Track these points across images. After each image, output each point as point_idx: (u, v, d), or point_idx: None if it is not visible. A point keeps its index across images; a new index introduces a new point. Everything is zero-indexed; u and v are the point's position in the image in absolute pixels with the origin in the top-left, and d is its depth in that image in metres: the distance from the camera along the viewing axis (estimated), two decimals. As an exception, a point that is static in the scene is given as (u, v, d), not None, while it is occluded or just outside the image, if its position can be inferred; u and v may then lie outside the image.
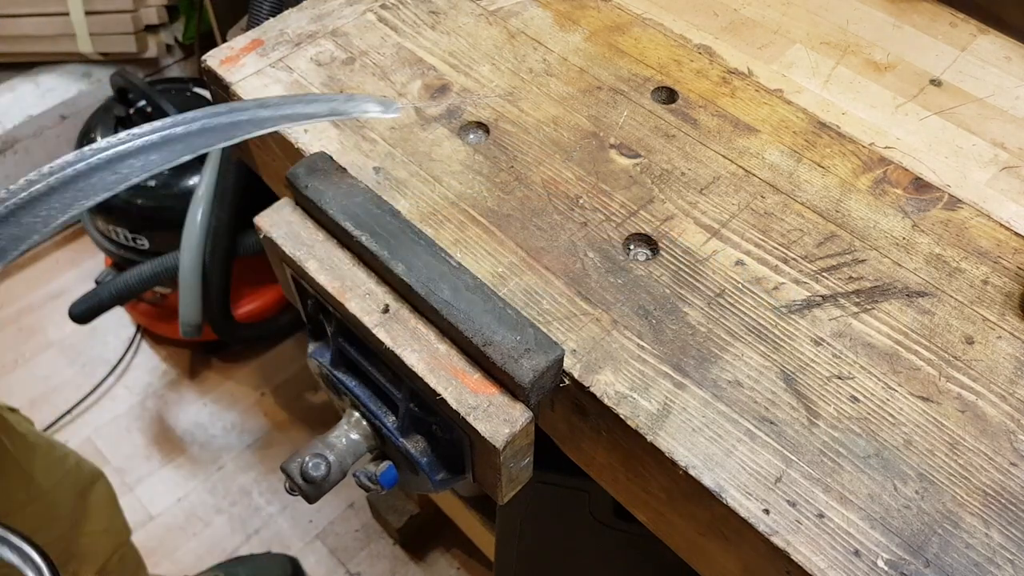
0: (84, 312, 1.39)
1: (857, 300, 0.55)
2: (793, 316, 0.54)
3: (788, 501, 0.46)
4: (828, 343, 0.53)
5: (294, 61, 0.69)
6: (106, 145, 0.48)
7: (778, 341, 0.53)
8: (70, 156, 0.48)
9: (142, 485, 1.54)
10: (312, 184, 0.57)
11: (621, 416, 0.49)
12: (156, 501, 1.52)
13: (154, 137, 0.49)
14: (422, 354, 0.51)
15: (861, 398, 0.50)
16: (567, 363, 0.51)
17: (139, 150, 0.48)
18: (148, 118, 1.43)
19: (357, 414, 0.58)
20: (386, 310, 0.53)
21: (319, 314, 0.60)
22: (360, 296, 0.54)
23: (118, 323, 1.75)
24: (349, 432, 0.57)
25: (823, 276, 0.57)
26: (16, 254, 0.45)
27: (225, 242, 1.32)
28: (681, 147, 0.65)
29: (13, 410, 0.93)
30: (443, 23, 0.74)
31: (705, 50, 0.73)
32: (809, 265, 0.57)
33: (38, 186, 0.46)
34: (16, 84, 1.80)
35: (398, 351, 0.51)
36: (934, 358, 0.53)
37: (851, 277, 0.57)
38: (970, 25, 0.77)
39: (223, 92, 0.68)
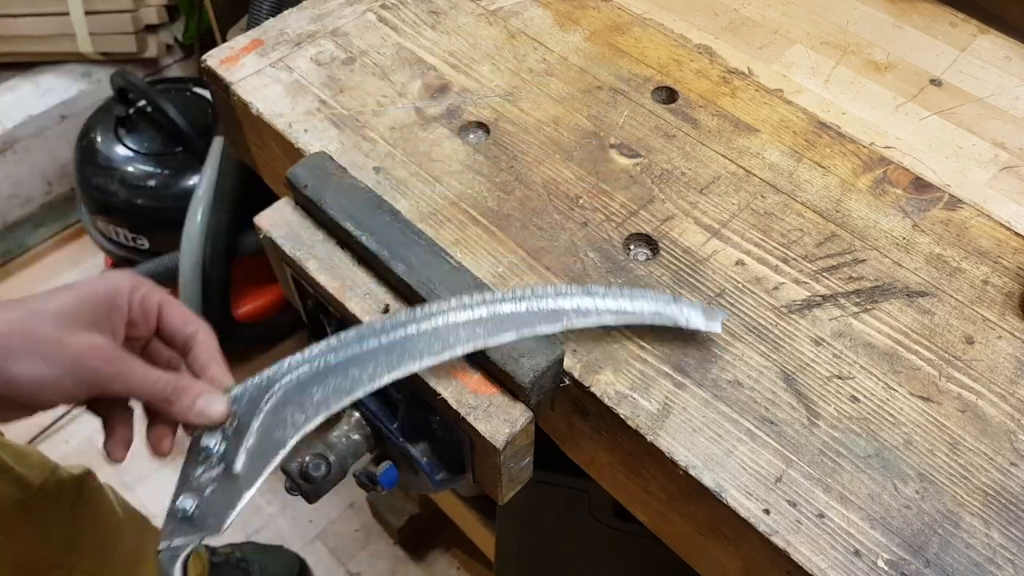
0: (84, 312, 1.38)
1: (857, 300, 0.55)
2: (793, 316, 0.54)
3: (788, 501, 0.46)
4: (828, 343, 0.53)
5: (294, 61, 0.69)
6: (440, 310, 0.49)
7: (778, 341, 0.53)
8: (403, 316, 0.49)
9: (142, 485, 1.54)
10: (312, 184, 0.57)
11: (621, 416, 0.49)
12: (156, 501, 1.52)
13: (483, 311, 0.50)
14: (422, 354, 0.51)
15: (861, 398, 0.50)
16: (567, 363, 0.51)
17: (473, 322, 0.49)
18: (148, 118, 1.43)
19: (357, 414, 0.58)
20: (386, 310, 0.53)
21: (319, 314, 0.60)
22: (360, 296, 0.54)
23: (118, 323, 1.75)
24: (349, 432, 0.57)
25: (823, 276, 0.57)
26: (337, 407, 0.47)
27: (225, 242, 1.32)
28: (681, 147, 0.65)
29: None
30: (443, 23, 0.74)
31: (705, 50, 0.73)
32: (809, 265, 0.57)
33: (370, 341, 0.48)
34: (16, 84, 1.79)
35: (398, 351, 0.51)
36: (934, 358, 0.53)
37: (851, 277, 0.57)
38: (970, 25, 0.77)
39: (223, 92, 0.68)
